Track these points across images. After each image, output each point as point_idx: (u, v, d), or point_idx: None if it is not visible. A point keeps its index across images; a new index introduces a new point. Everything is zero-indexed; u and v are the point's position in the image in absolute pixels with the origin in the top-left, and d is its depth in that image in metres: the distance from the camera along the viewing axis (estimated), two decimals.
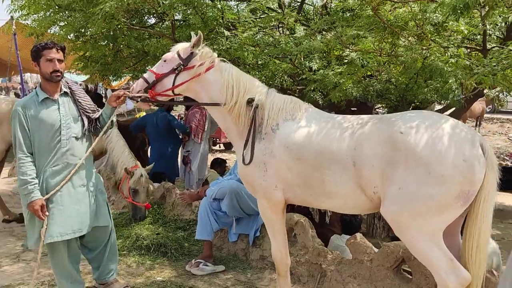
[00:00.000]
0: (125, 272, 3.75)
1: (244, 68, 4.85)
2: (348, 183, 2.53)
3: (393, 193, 2.36)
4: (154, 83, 2.84)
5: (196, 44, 2.79)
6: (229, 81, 2.81)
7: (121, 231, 4.66)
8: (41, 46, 2.89)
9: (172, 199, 4.97)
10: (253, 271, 3.80)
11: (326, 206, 2.88)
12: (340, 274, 3.31)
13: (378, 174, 2.41)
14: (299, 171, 2.66)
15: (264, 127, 2.76)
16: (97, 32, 4.64)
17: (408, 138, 2.34)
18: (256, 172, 2.77)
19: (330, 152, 2.55)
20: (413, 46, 3.24)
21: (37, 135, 2.81)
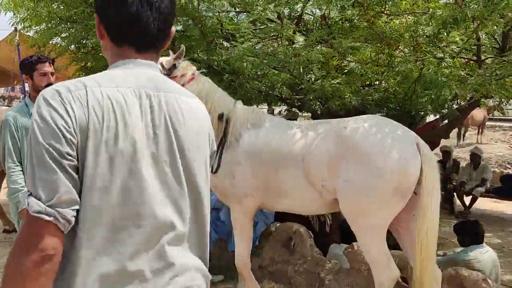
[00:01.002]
0: None
1: (244, 79, 4.91)
2: (299, 180, 2.76)
3: (340, 185, 2.59)
4: None
5: (179, 57, 3.00)
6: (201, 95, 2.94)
7: None
8: (35, 60, 2.97)
9: None
10: None
11: (283, 206, 3.04)
12: (338, 283, 3.33)
13: (325, 167, 2.64)
14: (261, 175, 2.88)
15: (229, 137, 2.99)
16: (97, 43, 4.70)
17: (352, 133, 2.61)
18: (225, 180, 2.98)
19: (283, 153, 2.81)
20: (408, 58, 3.28)
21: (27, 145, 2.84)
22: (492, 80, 3.28)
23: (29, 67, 2.96)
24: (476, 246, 3.72)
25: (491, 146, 14.40)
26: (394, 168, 2.47)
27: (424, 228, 2.49)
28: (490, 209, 7.77)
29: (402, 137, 2.56)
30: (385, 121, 2.69)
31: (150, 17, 1.14)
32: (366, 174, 2.50)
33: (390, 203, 2.52)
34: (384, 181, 2.47)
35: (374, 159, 2.50)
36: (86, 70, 6.11)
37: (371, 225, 2.58)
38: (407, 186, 2.50)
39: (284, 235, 3.80)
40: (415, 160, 2.50)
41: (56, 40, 5.54)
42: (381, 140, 2.54)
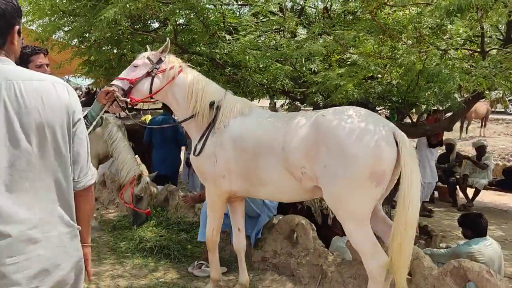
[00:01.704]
0: (128, 274, 3.80)
1: (246, 72, 4.91)
2: (277, 167, 2.86)
3: (320, 172, 2.68)
4: (130, 89, 3.06)
5: (165, 50, 3.13)
6: (191, 85, 3.15)
7: (124, 233, 4.73)
8: (30, 51, 2.89)
9: (175, 201, 5.02)
10: (255, 272, 3.84)
11: (263, 194, 3.16)
12: (340, 275, 3.34)
13: (303, 154, 2.73)
14: (242, 162, 3.00)
15: (217, 124, 3.11)
16: (100, 37, 4.69)
17: (328, 119, 2.71)
18: (207, 162, 3.11)
19: (265, 141, 2.91)
20: (411, 50, 3.26)
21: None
22: (497, 72, 3.26)
23: (23, 58, 2.85)
24: (479, 238, 3.72)
25: (494, 139, 14.35)
26: (367, 153, 2.55)
27: (403, 214, 2.56)
28: (493, 201, 7.76)
29: (376, 124, 2.63)
30: (363, 111, 2.77)
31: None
32: (341, 160, 2.59)
33: (368, 189, 2.59)
34: (358, 167, 2.55)
35: (348, 145, 2.58)
36: (89, 64, 6.11)
37: (352, 212, 2.66)
38: (381, 171, 2.56)
39: (286, 228, 3.81)
40: (388, 146, 2.58)
41: (59, 34, 5.54)
42: (356, 127, 2.62)
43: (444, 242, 5.02)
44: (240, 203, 3.43)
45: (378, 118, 2.75)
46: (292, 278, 3.64)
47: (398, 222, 2.60)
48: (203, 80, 3.24)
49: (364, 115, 2.70)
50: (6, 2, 1.45)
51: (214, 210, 3.30)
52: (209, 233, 3.33)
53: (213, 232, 3.31)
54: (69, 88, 1.56)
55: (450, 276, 2.78)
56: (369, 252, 2.64)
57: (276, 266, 3.81)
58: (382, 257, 2.64)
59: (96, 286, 3.53)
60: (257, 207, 3.86)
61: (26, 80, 1.44)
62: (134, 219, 4.85)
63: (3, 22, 1.44)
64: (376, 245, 2.65)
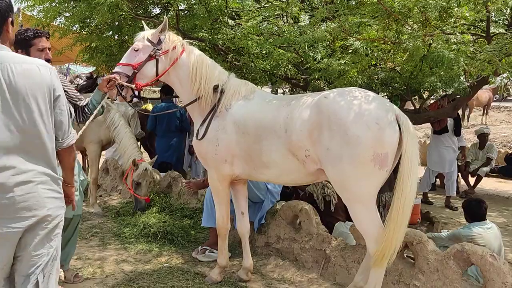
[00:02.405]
0: (133, 259, 3.83)
1: (248, 58, 4.87)
2: (281, 150, 2.83)
3: (324, 154, 2.67)
4: (134, 74, 3.01)
5: (163, 29, 3.06)
6: (195, 65, 3.10)
7: (128, 219, 4.75)
8: (32, 34, 2.80)
9: (178, 188, 5.04)
10: (258, 257, 3.86)
11: (266, 177, 3.11)
12: (344, 260, 3.36)
13: (307, 137, 2.72)
14: (245, 144, 2.98)
15: (220, 107, 3.09)
16: (101, 22, 4.66)
17: (331, 102, 2.69)
18: (209, 146, 3.09)
19: (267, 124, 2.89)
20: (416, 34, 3.23)
21: None
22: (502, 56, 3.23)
23: (25, 42, 2.79)
24: (479, 222, 3.73)
25: (495, 127, 14.33)
26: (370, 136, 2.54)
27: (402, 197, 2.59)
28: (495, 188, 7.77)
29: (379, 106, 2.62)
30: (366, 93, 2.74)
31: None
32: (344, 143, 2.57)
33: (371, 172, 2.58)
34: (361, 149, 2.55)
35: (351, 127, 2.57)
36: (90, 50, 6.07)
37: (356, 195, 2.65)
38: (383, 154, 2.56)
39: (290, 213, 3.83)
40: (390, 128, 2.57)
41: (60, 20, 5.49)
42: (358, 109, 2.60)
43: (446, 229, 5.04)
44: (242, 186, 3.42)
45: (382, 100, 2.73)
46: (295, 263, 3.66)
47: (396, 204, 2.63)
48: (206, 60, 3.19)
49: (367, 97, 2.68)
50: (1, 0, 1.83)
51: (218, 195, 3.29)
52: (220, 220, 3.32)
53: (223, 218, 3.31)
54: (51, 70, 1.93)
55: (453, 259, 2.80)
56: (374, 235, 2.65)
57: (279, 251, 3.83)
58: None
59: (101, 270, 3.55)
60: (261, 193, 3.86)
61: (17, 63, 1.82)
62: (134, 204, 4.90)
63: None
64: (381, 228, 2.66)
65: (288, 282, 3.45)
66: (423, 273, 2.91)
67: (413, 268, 3.00)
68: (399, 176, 2.64)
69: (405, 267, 3.02)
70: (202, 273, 3.54)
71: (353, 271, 3.26)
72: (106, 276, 3.39)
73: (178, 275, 3.46)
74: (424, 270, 2.91)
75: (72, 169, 2.22)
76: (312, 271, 3.52)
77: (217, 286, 3.32)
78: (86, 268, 3.58)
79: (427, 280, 2.88)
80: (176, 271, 3.54)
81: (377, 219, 2.68)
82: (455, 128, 6.48)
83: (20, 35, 2.81)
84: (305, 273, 3.52)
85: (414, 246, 2.98)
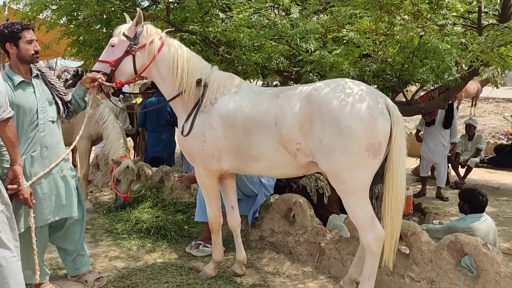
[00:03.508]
0: (125, 255, 3.79)
1: (240, 50, 4.83)
2: (271, 143, 2.80)
3: (316, 146, 2.65)
4: (112, 72, 2.95)
5: (138, 21, 2.96)
6: (175, 59, 3.02)
7: (120, 215, 4.71)
8: (20, 27, 2.78)
9: (170, 182, 5.00)
10: (253, 251, 3.85)
11: (256, 171, 3.08)
12: (338, 252, 3.36)
13: (298, 129, 2.69)
14: (233, 139, 2.93)
15: (204, 102, 3.02)
16: (90, 15, 4.57)
17: (321, 93, 2.66)
18: (195, 143, 3.03)
19: (256, 117, 2.84)
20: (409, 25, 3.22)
21: (15, 121, 2.65)
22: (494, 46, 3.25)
23: (14, 35, 2.76)
24: (476, 214, 3.75)
25: (484, 118, 14.48)
26: (363, 126, 2.53)
27: (394, 187, 2.64)
28: (484, 179, 7.85)
29: (369, 96, 2.61)
30: (354, 83, 2.73)
31: None
32: (337, 134, 2.56)
33: (365, 162, 2.59)
34: (354, 140, 2.54)
35: (343, 118, 2.56)
36: (78, 44, 5.97)
37: (351, 186, 2.65)
38: (376, 143, 2.56)
39: (284, 207, 3.82)
40: (382, 117, 2.58)
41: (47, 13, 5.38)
42: (349, 99, 2.59)
43: (437, 219, 5.08)
44: (231, 180, 3.38)
45: (372, 90, 2.72)
46: (290, 256, 3.67)
47: (388, 195, 2.66)
48: (187, 52, 3.10)
49: (357, 88, 2.67)
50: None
51: (207, 191, 3.26)
52: (211, 215, 3.30)
53: (215, 213, 3.28)
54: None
55: (447, 250, 2.81)
56: (367, 225, 2.65)
57: (273, 244, 3.82)
58: (378, 230, 2.66)
59: (92, 267, 3.51)
60: (254, 187, 3.84)
61: None
62: (115, 200, 4.89)
63: None
64: (374, 218, 2.67)
65: (283, 276, 3.45)
66: (417, 264, 2.93)
67: (407, 259, 3.01)
68: (388, 166, 2.67)
69: (399, 258, 3.03)
70: (196, 268, 3.52)
71: (348, 264, 3.26)
72: (99, 273, 3.36)
73: (172, 271, 3.44)
74: (418, 261, 2.93)
75: (14, 145, 2.48)
76: (307, 264, 3.52)
77: (211, 281, 3.30)
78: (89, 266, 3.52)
79: (421, 271, 2.90)
80: (169, 267, 3.52)
81: (370, 209, 2.69)
82: (445, 121, 6.43)
83: (7, 28, 2.78)
84: (300, 266, 3.53)
85: (408, 237, 2.99)
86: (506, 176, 7.79)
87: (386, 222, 2.66)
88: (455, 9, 3.53)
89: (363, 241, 2.69)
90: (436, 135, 6.50)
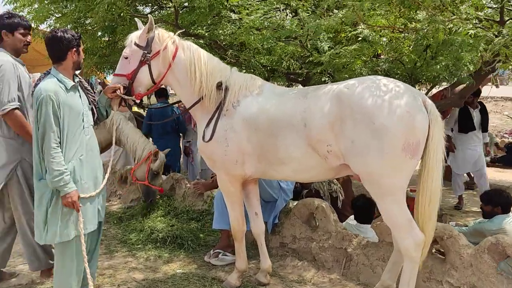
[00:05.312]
0: (143, 266, 3.64)
1: (249, 53, 4.72)
2: (299, 145, 2.67)
3: (348, 147, 2.50)
4: (130, 84, 2.86)
5: (150, 28, 2.84)
6: (192, 63, 2.90)
7: (132, 225, 4.56)
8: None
9: (182, 190, 4.86)
10: (274, 259, 3.70)
11: (282, 175, 2.94)
12: (367, 258, 3.23)
13: (329, 131, 2.55)
14: (257, 142, 2.80)
15: (226, 105, 2.89)
16: (98, 22, 4.44)
17: (353, 92, 2.51)
18: (218, 148, 2.90)
19: (283, 118, 2.71)
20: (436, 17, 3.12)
21: (66, 123, 2.64)
22: None
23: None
24: (504, 215, 3.64)
25: None
26: (400, 124, 2.38)
27: (429, 190, 2.51)
28: (494, 178, 7.74)
29: (405, 92, 2.46)
30: (388, 80, 2.59)
31: None
32: (371, 133, 2.41)
33: (402, 162, 2.43)
34: (390, 139, 2.39)
35: (378, 116, 2.40)
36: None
37: (387, 188, 2.50)
38: (415, 142, 2.42)
39: (305, 212, 3.68)
40: (420, 114, 2.43)
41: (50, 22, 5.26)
42: (383, 96, 2.44)
43: (453, 221, 4.96)
44: (254, 186, 3.25)
45: (408, 87, 2.57)
46: (314, 263, 3.52)
47: (422, 198, 2.54)
48: (204, 55, 2.97)
49: (392, 84, 2.53)
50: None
51: (231, 198, 3.12)
52: (235, 223, 3.15)
53: (238, 221, 3.14)
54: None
55: (487, 253, 2.68)
56: (406, 229, 2.51)
57: (296, 251, 3.68)
58: (418, 234, 2.52)
59: (111, 280, 3.36)
60: (274, 192, 3.70)
61: None
62: (146, 196, 4.72)
63: None
64: (412, 221, 2.53)
65: (309, 284, 3.31)
66: (456, 269, 2.79)
67: (444, 264, 2.87)
68: (424, 166, 2.52)
69: (435, 263, 2.90)
70: (218, 278, 3.37)
71: (378, 270, 3.13)
72: (118, 286, 3.21)
73: (194, 281, 3.28)
74: (457, 266, 2.79)
75: (23, 133, 3.03)
76: (333, 271, 3.38)
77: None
78: (96, 277, 3.37)
79: (460, 276, 2.76)
80: (191, 277, 3.36)
81: (407, 212, 2.54)
82: (482, 123, 5.67)
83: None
84: (326, 273, 3.39)
85: (444, 241, 2.85)
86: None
87: (424, 224, 2.54)
88: (478, 4, 3.44)
89: (401, 246, 2.55)
90: (473, 141, 5.69)
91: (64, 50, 2.68)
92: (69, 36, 2.69)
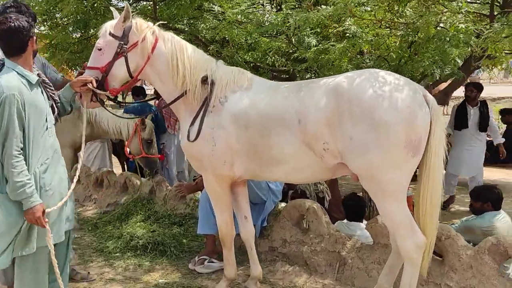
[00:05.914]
0: (122, 277, 3.40)
1: (232, 49, 4.54)
2: (294, 143, 2.50)
3: (346, 146, 2.36)
4: (104, 78, 2.61)
5: (126, 17, 2.61)
6: (174, 55, 2.68)
7: (109, 231, 4.30)
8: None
9: (163, 193, 4.61)
10: (264, 264, 3.51)
11: (276, 175, 2.75)
12: (362, 261, 3.09)
13: (325, 127, 2.39)
14: (248, 140, 2.62)
15: (212, 101, 2.70)
16: (69, 14, 4.16)
17: (351, 85, 2.36)
18: (204, 147, 2.70)
19: (275, 114, 2.54)
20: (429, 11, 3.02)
21: (32, 125, 2.31)
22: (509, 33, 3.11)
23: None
24: (494, 212, 3.57)
25: None
26: (401, 120, 2.26)
27: (429, 188, 2.41)
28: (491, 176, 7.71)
29: (405, 86, 2.33)
30: (387, 72, 2.45)
31: None
32: (370, 130, 2.28)
33: (403, 160, 2.31)
34: (391, 136, 2.26)
35: (377, 112, 2.26)
36: (52, 48, 5.52)
37: (387, 188, 2.36)
38: (416, 139, 2.29)
39: (295, 214, 3.52)
40: (422, 110, 2.31)
41: None
42: (384, 89, 2.30)
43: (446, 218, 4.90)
44: (243, 188, 3.06)
45: (409, 81, 2.43)
46: (306, 268, 3.36)
47: (423, 196, 2.43)
48: (187, 46, 2.75)
49: (391, 77, 2.38)
50: None
51: (218, 201, 2.92)
52: (223, 227, 2.94)
53: (226, 225, 2.93)
54: None
55: (488, 254, 2.58)
56: (406, 231, 2.38)
57: (286, 256, 3.51)
58: (419, 236, 2.39)
59: None
60: (262, 193, 3.52)
61: None
62: (149, 168, 4.62)
63: None
64: (413, 223, 2.40)
65: None
66: (455, 271, 2.68)
67: (442, 266, 2.76)
68: (425, 164, 2.39)
69: (433, 265, 2.77)
70: (205, 287, 3.17)
71: (374, 273, 3.00)
72: None
73: None
74: (456, 268, 2.68)
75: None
76: (326, 275, 3.23)
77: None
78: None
79: (460, 279, 2.66)
80: (175, 287, 3.15)
81: (408, 213, 2.42)
82: (480, 121, 5.18)
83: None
84: (319, 278, 3.23)
85: (442, 242, 2.74)
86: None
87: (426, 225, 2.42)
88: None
89: (402, 248, 2.41)
90: (471, 141, 5.29)
91: (24, 40, 2.32)
92: (25, 24, 2.31)
